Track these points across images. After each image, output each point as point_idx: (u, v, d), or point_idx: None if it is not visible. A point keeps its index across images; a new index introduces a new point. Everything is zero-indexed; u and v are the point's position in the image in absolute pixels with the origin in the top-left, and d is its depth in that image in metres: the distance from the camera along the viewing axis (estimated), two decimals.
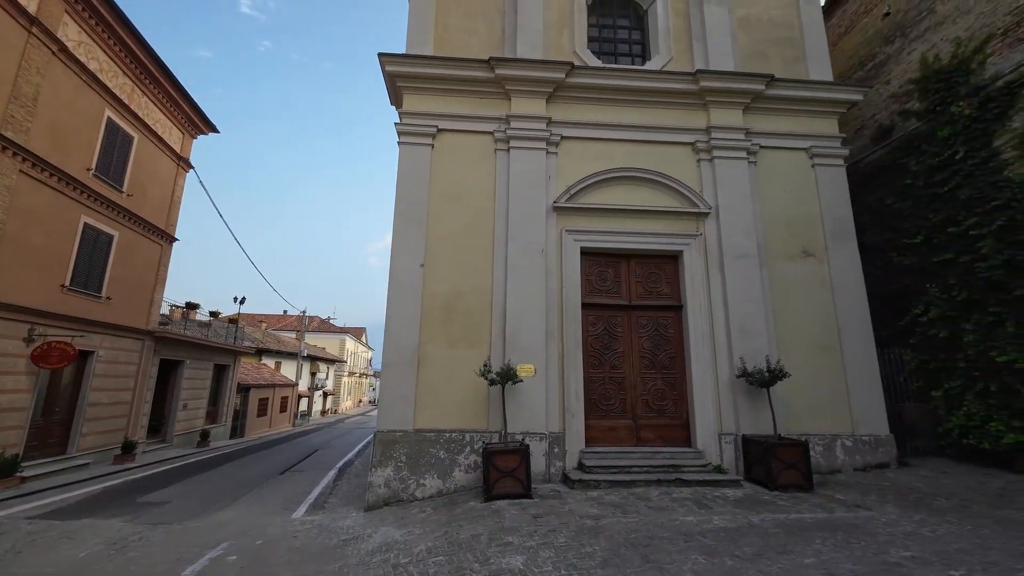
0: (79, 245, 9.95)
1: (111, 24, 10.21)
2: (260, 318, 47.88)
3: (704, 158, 8.19)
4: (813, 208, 8.15)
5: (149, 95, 12.08)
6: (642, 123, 8.26)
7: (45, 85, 8.80)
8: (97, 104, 10.28)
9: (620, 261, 7.99)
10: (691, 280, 7.71)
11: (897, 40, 9.37)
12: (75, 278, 9.91)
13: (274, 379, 25.37)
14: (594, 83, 8.17)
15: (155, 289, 12.81)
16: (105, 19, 10.03)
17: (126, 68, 11.08)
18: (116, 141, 10.98)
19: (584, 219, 7.85)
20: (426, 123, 7.93)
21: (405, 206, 7.61)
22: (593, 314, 7.73)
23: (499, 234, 7.63)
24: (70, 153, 9.53)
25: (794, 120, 8.51)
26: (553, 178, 7.95)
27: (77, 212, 9.89)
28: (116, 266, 11.18)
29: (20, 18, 8.16)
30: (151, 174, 12.38)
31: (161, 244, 12.99)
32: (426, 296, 7.35)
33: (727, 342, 7.39)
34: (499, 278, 7.45)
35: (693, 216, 7.94)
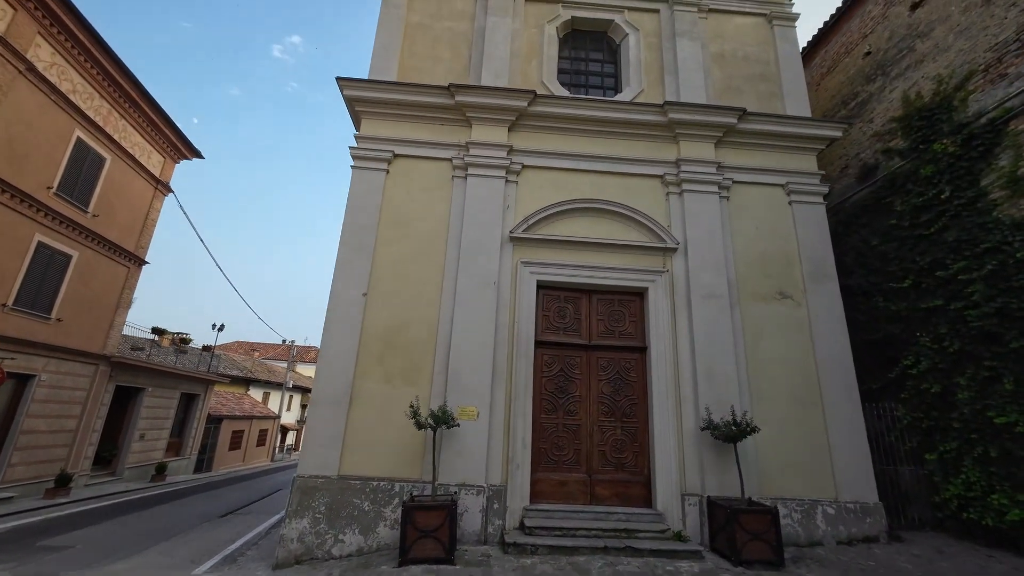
0: (29, 263, 9.63)
1: (88, 48, 10.32)
2: (253, 346, 47.43)
3: (673, 191, 7.76)
4: (790, 247, 7.61)
5: (128, 118, 12.12)
6: (609, 154, 7.91)
7: (7, 104, 8.74)
8: (66, 124, 10.25)
9: (581, 297, 7.43)
10: (656, 320, 7.10)
11: (879, 79, 9.09)
12: (20, 297, 9.53)
13: (253, 411, 24.53)
14: (559, 112, 7.88)
15: (116, 312, 12.39)
16: (82, 43, 10.14)
17: (103, 91, 11.15)
18: (85, 161, 10.89)
19: (543, 251, 7.36)
20: (382, 148, 7.64)
21: (352, 232, 7.20)
22: (548, 353, 7.11)
23: (450, 264, 7.15)
24: (28, 170, 9.38)
25: (770, 155, 8.11)
26: (512, 207, 7.54)
27: (30, 229, 9.63)
28: (72, 287, 10.83)
29: None
30: (123, 196, 12.25)
31: (128, 266, 12.69)
32: (366, 327, 6.80)
33: (693, 389, 6.70)
34: (446, 310, 6.92)
35: (659, 251, 7.42)
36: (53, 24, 9.56)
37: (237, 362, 29.67)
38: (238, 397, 25.14)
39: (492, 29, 8.51)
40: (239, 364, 29.39)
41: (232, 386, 25.30)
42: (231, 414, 20.92)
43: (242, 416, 22.15)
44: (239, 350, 44.13)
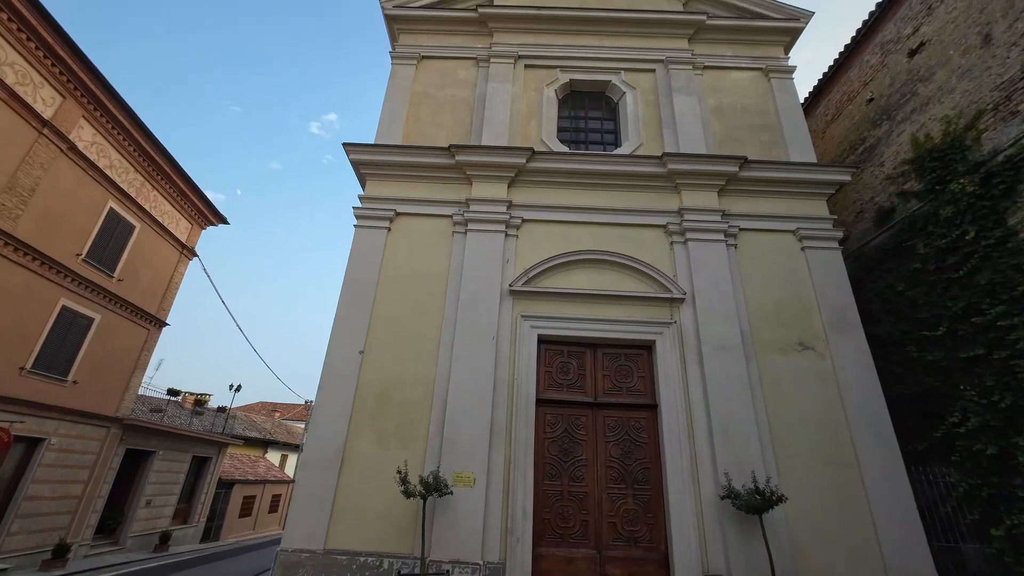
0: (52, 327, 10.01)
1: (128, 129, 11.33)
2: (275, 406, 47.41)
3: (677, 240, 7.57)
4: (807, 295, 7.18)
5: (159, 189, 13.02)
6: (610, 206, 7.87)
7: (46, 178, 9.54)
8: (100, 196, 11.05)
9: (585, 351, 7.10)
10: (666, 374, 6.66)
11: (884, 123, 8.98)
12: (39, 361, 9.81)
13: (267, 474, 24.00)
14: (557, 167, 7.99)
15: (133, 374, 12.61)
16: (123, 124, 11.16)
17: (138, 165, 12.10)
18: (115, 229, 11.60)
19: (544, 304, 7.16)
20: (384, 207, 7.82)
21: (351, 289, 7.21)
22: (551, 412, 6.69)
23: (448, 319, 7.01)
24: (60, 239, 10.03)
25: (777, 202, 7.91)
26: (512, 261, 7.46)
27: (56, 294, 10.11)
28: (91, 349, 11.14)
29: (32, 121, 9.13)
30: (149, 260, 12.88)
31: (148, 328, 13.07)
32: (361, 386, 6.60)
33: (710, 451, 6.11)
34: (443, 367, 6.68)
35: (666, 302, 7.11)
36: (97, 108, 10.60)
37: (256, 423, 29.55)
38: (253, 460, 24.73)
39: (492, 94, 8.90)
40: (258, 425, 29.25)
41: (248, 448, 25.00)
42: (244, 478, 20.46)
43: (255, 480, 21.63)
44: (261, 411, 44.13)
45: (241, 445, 21.21)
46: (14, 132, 8.95)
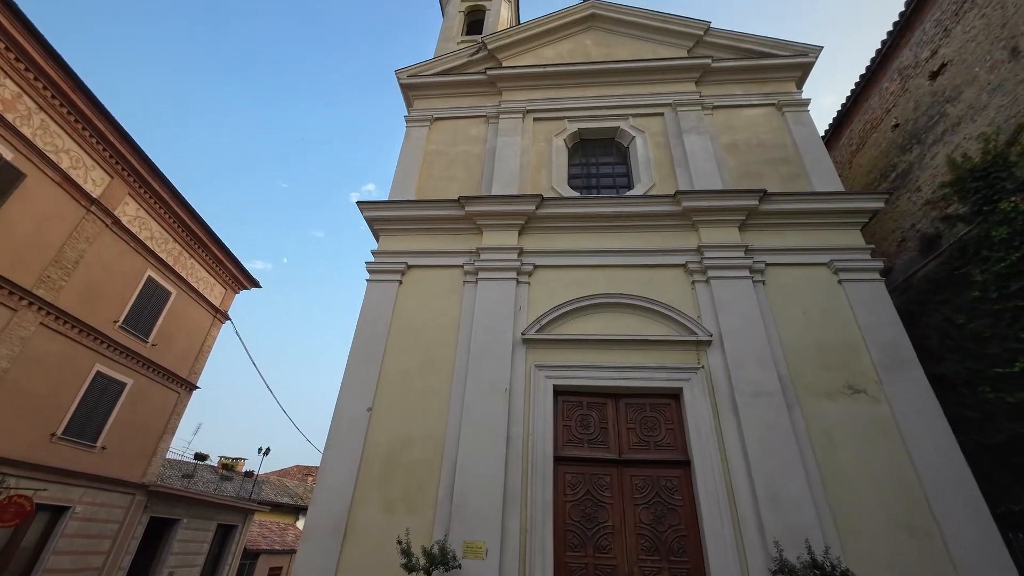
0: (84, 393, 10.32)
1: (169, 204, 12.22)
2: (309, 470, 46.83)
3: (699, 279, 7.13)
4: (851, 333, 6.50)
5: (196, 257, 13.77)
6: (625, 247, 7.59)
7: (90, 251, 10.25)
8: (140, 265, 11.74)
9: (606, 402, 6.56)
10: (697, 426, 6.01)
11: (915, 148, 8.50)
12: (70, 427, 10.03)
13: (296, 544, 23.18)
14: (568, 212, 7.86)
15: (161, 438, 12.71)
16: (164, 200, 12.05)
17: (177, 236, 12.91)
18: (152, 296, 12.19)
19: (559, 352, 6.77)
20: (396, 260, 7.83)
21: (361, 343, 7.07)
22: (572, 471, 6.10)
23: (459, 371, 6.70)
24: (99, 307, 10.58)
25: (805, 234, 7.43)
26: (524, 309, 7.19)
27: (91, 361, 10.50)
28: (122, 414, 11.36)
29: (81, 199, 9.97)
30: (183, 325, 13.38)
31: (178, 392, 13.32)
32: (368, 447, 6.27)
33: (755, 516, 5.32)
34: (453, 424, 6.29)
35: (691, 345, 6.58)
36: (142, 187, 11.56)
37: (289, 488, 29.08)
38: (282, 528, 24.06)
39: (502, 147, 9.07)
40: (290, 490, 28.76)
41: (278, 515, 24.44)
42: (270, 548, 19.80)
43: (282, 550, 20.89)
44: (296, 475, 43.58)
45: (268, 512, 20.71)
46: (64, 210, 9.79)
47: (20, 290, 9.12)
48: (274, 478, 30.43)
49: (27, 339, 9.06)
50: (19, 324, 9.04)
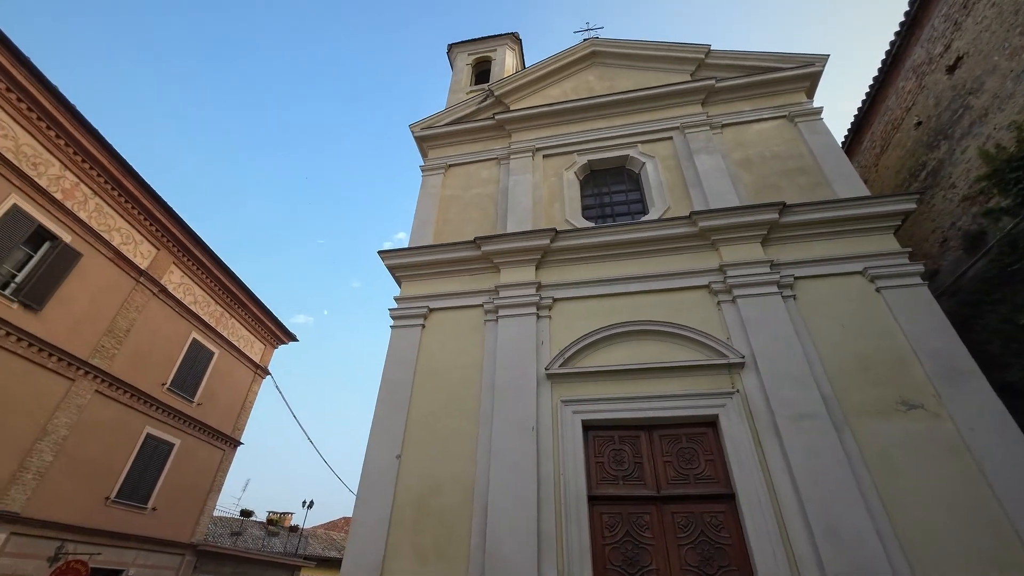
0: (136, 456, 10.78)
1: (211, 270, 13.06)
2: None
3: (724, 299, 6.90)
4: (896, 342, 6.07)
5: (237, 317, 14.51)
6: (644, 273, 7.47)
7: (140, 319, 10.97)
8: (185, 328, 12.45)
9: (638, 435, 6.29)
10: (738, 455, 5.66)
11: (942, 144, 8.14)
12: (123, 490, 10.44)
13: None
14: (583, 243, 7.86)
15: (208, 496, 13.01)
16: (207, 266, 12.89)
17: (219, 299, 13.70)
18: (197, 357, 12.83)
19: (585, 386, 6.60)
20: (418, 305, 7.97)
21: (388, 389, 7.14)
22: (608, 511, 5.80)
23: (484, 412, 6.62)
24: (148, 371, 11.21)
25: (834, 243, 7.12)
26: (546, 343, 7.11)
27: (142, 423, 11.02)
28: (171, 474, 11.75)
29: (131, 272, 10.80)
30: (226, 382, 13.94)
31: (223, 449, 13.72)
32: (399, 495, 6.20)
33: (814, 554, 4.86)
34: (482, 466, 6.17)
35: (723, 369, 6.29)
36: (186, 255, 12.45)
37: (336, 541, 28.87)
38: None
39: (514, 186, 9.27)
40: (338, 543, 28.53)
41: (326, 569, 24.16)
42: None
43: None
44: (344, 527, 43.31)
45: (314, 567, 20.53)
46: (116, 283, 10.62)
47: (77, 361, 9.82)
48: (321, 531, 30.34)
49: (83, 407, 9.68)
50: (76, 393, 9.68)
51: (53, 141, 9.73)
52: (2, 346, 8.84)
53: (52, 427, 9.35)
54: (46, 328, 9.52)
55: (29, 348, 9.26)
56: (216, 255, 13.33)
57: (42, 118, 9.50)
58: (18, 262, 9.38)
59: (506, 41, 14.14)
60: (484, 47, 14.08)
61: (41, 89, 9.32)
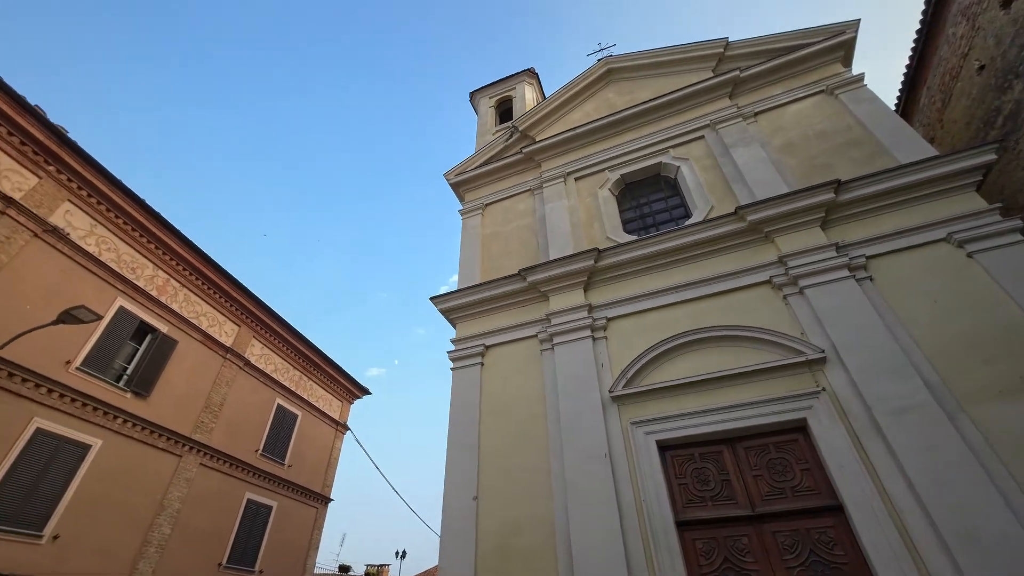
0: (240, 521, 11.51)
1: (287, 338, 14.12)
2: None
3: (790, 292, 6.45)
4: (1005, 312, 5.35)
5: (314, 379, 15.44)
6: (698, 279, 7.17)
7: (230, 392, 11.97)
8: (269, 396, 13.40)
9: (720, 450, 5.89)
10: (837, 461, 5.12)
11: (1015, 83, 7.33)
12: (232, 555, 11.14)
13: None
14: (628, 257, 7.71)
15: (308, 554, 13.55)
16: (283, 336, 13.96)
17: (296, 364, 14.69)
18: (283, 421, 13.71)
19: (653, 404, 6.33)
20: (474, 344, 8.11)
21: (456, 431, 7.24)
22: (701, 537, 5.40)
23: (553, 444, 6.51)
24: (242, 440, 12.10)
25: (905, 213, 6.51)
26: (606, 365, 6.95)
27: (242, 490, 11.82)
28: (272, 536, 12.40)
29: (218, 350, 11.90)
30: (311, 442, 14.72)
31: (316, 507, 14.33)
32: (480, 537, 6.16)
33: (950, 563, 4.23)
34: (559, 502, 6.01)
35: (802, 367, 5.81)
36: (264, 329, 13.62)
37: None
38: None
39: (551, 213, 9.36)
40: None
41: None
42: None
43: None
44: None
45: None
46: (207, 362, 11.75)
47: (183, 438, 10.85)
48: None
49: (191, 480, 10.60)
50: (184, 468, 10.64)
51: (145, 247, 11.20)
52: (120, 432, 9.98)
53: (167, 501, 10.29)
54: (154, 411, 10.65)
55: (142, 431, 10.37)
56: (290, 325, 14.45)
57: (135, 229, 10.99)
58: (127, 355, 10.69)
59: (523, 78, 14.63)
60: (503, 88, 14.65)
61: (134, 205, 10.84)
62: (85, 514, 9.14)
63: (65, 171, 9.90)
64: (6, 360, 8.53)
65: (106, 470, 9.57)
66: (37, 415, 8.92)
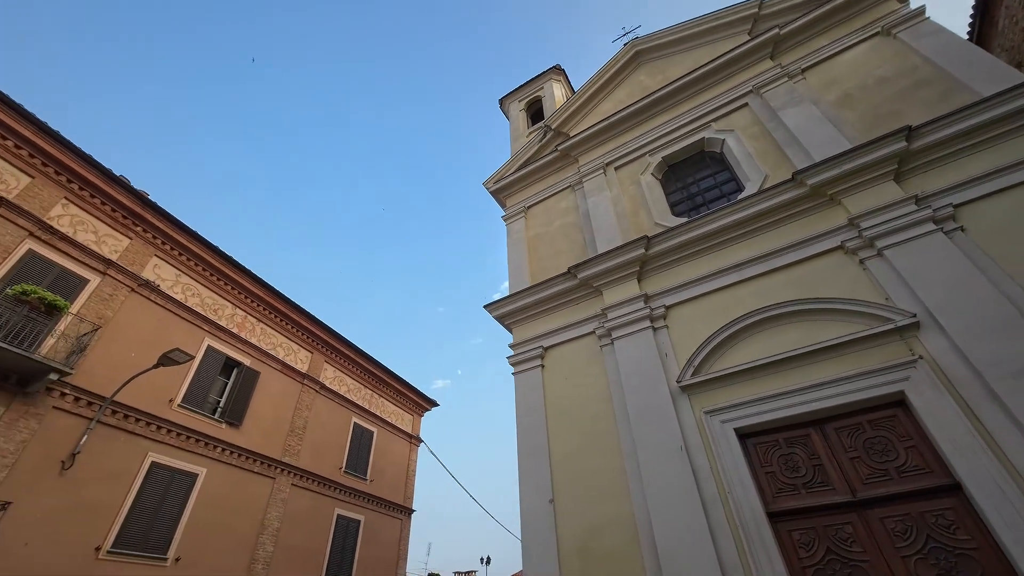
0: (333, 536, 12.18)
1: (357, 360, 14.89)
2: None
3: (867, 255, 5.92)
4: None
5: (385, 396, 16.13)
6: (759, 253, 6.76)
7: (310, 415, 12.75)
8: (345, 416, 14.14)
9: (807, 433, 5.49)
10: (947, 434, 4.62)
11: None
12: (329, 569, 11.79)
13: None
14: (680, 240, 7.41)
15: (398, 565, 14.07)
16: (352, 358, 14.73)
17: (366, 383, 15.44)
18: (361, 439, 14.41)
19: (726, 391, 6.01)
20: (533, 347, 8.11)
21: (525, 436, 7.26)
22: (798, 528, 5.05)
23: (625, 441, 6.35)
24: (326, 459, 12.83)
25: (995, 152, 5.80)
26: (670, 355, 6.70)
27: (332, 506, 12.51)
28: (363, 549, 13.01)
29: (296, 376, 12.73)
30: (388, 457, 15.36)
31: (400, 518, 14.89)
32: (561, 540, 6.12)
33: None
34: (638, 501, 5.84)
35: (893, 336, 5.30)
36: (334, 353, 14.45)
37: None
38: None
39: (594, 207, 9.20)
40: None
41: None
42: None
43: None
44: None
45: None
46: (287, 389, 12.62)
47: (274, 461, 11.68)
48: None
49: (286, 500, 11.40)
50: (279, 489, 11.46)
51: (223, 288, 12.28)
52: (221, 460, 10.93)
53: (267, 521, 11.11)
54: (247, 439, 11.57)
55: (239, 458, 11.29)
56: (357, 347, 15.25)
57: (213, 274, 12.07)
58: (218, 389, 11.72)
59: (550, 76, 14.56)
60: (531, 89, 14.65)
61: (210, 252, 11.94)
62: (199, 537, 10.07)
63: (150, 230, 11.07)
64: (121, 403, 9.61)
65: (212, 496, 10.51)
66: (151, 450, 9.97)
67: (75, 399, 9.10)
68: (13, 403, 8.44)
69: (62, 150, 9.87)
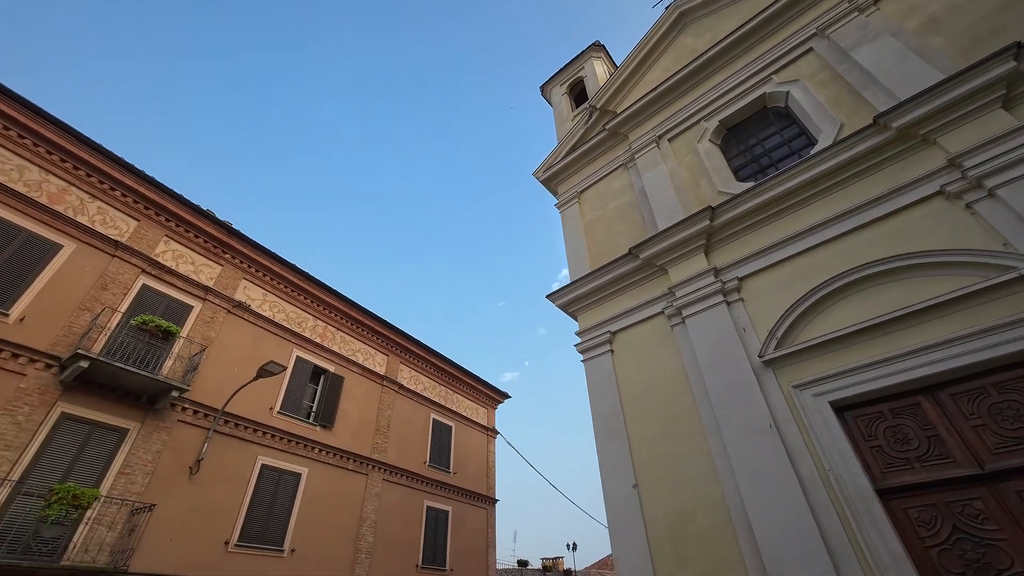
0: (425, 525, 12.88)
1: (429, 360, 15.57)
2: None
3: (974, 199, 5.22)
4: None
5: (459, 392, 16.74)
6: (841, 211, 6.19)
7: (393, 414, 13.51)
8: (425, 413, 14.83)
9: (917, 401, 4.98)
10: None
11: None
12: (425, 555, 12.50)
13: None
14: (749, 207, 6.95)
15: (488, 553, 14.60)
16: (425, 358, 15.45)
17: (441, 381, 16.13)
18: (440, 434, 15.06)
19: (815, 362, 5.60)
20: (600, 332, 8.00)
21: (601, 422, 7.20)
22: (914, 505, 4.62)
23: (708, 424, 6.11)
24: (411, 455, 13.55)
25: None
26: (748, 329, 6.33)
27: (421, 498, 13.22)
28: (453, 538, 13.64)
29: (375, 379, 13.54)
30: (467, 449, 15.94)
31: (485, 508, 15.42)
32: (648, 525, 6.04)
33: None
34: (728, 483, 5.61)
35: (1015, 285, 4.65)
36: (408, 355, 15.22)
37: None
38: None
39: (650, 182, 8.86)
40: None
41: None
42: None
43: None
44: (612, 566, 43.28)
45: None
46: (369, 391, 13.48)
47: (366, 459, 12.55)
48: (594, 572, 30.80)
49: (380, 494, 12.23)
50: (372, 484, 12.30)
51: (304, 303, 13.33)
52: (319, 460, 11.92)
53: (365, 514, 11.99)
54: (339, 439, 12.51)
55: (335, 457, 12.25)
56: (428, 346, 15.94)
57: (295, 291, 13.15)
58: (310, 396, 12.76)
59: (589, 55, 14.15)
60: (572, 71, 14.32)
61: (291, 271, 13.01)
62: (308, 530, 11.07)
63: (237, 256, 12.22)
64: (232, 414, 10.75)
65: (315, 493, 11.51)
66: (260, 454, 11.08)
67: (194, 412, 10.31)
68: (147, 419, 9.71)
69: (159, 193, 11.12)
